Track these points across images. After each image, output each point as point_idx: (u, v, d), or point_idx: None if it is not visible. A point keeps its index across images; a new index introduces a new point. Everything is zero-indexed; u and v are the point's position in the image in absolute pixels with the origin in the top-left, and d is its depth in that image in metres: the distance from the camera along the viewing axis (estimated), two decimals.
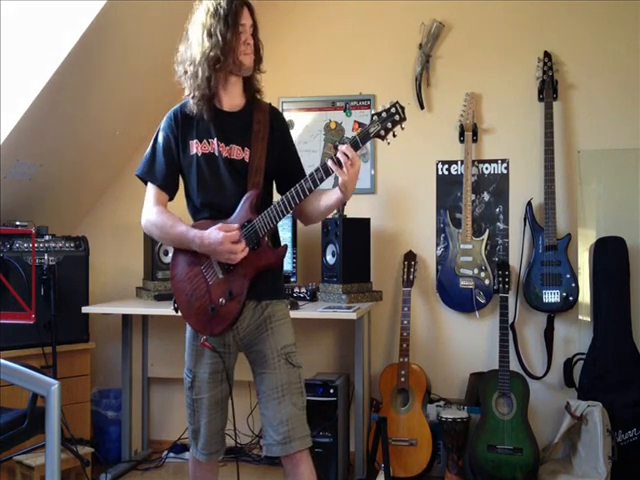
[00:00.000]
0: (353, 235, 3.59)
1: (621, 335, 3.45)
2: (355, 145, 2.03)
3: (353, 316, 3.19)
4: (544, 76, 3.62)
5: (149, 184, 2.25)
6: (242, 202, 2.15)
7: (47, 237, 3.55)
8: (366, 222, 3.70)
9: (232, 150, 2.19)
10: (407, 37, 3.83)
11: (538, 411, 3.61)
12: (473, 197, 3.73)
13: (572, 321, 3.63)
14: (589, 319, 3.58)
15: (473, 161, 3.73)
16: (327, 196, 2.17)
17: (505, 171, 3.75)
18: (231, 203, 2.17)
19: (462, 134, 3.74)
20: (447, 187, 3.81)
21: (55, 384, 1.65)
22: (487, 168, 3.77)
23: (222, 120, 2.21)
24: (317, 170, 2.07)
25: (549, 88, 3.60)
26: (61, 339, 3.43)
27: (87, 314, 3.60)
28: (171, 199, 2.27)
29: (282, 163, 2.26)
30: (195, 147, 2.20)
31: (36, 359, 3.30)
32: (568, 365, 3.56)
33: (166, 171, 2.23)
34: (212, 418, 2.26)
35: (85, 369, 3.65)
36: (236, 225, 2.10)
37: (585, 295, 3.58)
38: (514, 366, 3.54)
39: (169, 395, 4.08)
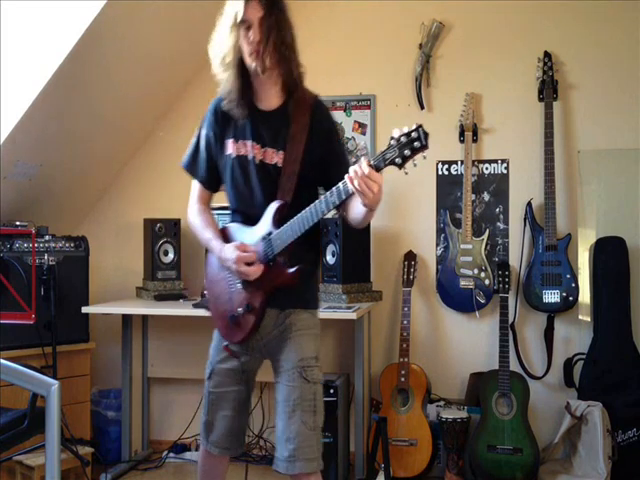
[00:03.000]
0: (353, 235, 3.58)
1: (621, 335, 3.45)
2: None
3: (353, 316, 3.19)
4: (544, 76, 3.61)
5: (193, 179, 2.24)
6: (267, 211, 2.06)
7: (47, 237, 3.55)
8: None
9: (266, 153, 2.08)
10: (407, 37, 3.83)
11: (538, 411, 3.61)
12: (473, 197, 3.73)
13: (572, 321, 3.63)
14: (589, 319, 3.58)
15: (473, 161, 3.73)
16: (355, 209, 1.98)
17: (505, 171, 3.75)
18: (260, 211, 2.07)
19: (462, 134, 3.74)
20: (447, 187, 3.81)
21: (55, 384, 1.65)
22: (487, 168, 3.77)
23: (258, 120, 2.09)
24: (331, 193, 1.90)
25: (549, 88, 3.60)
26: (61, 339, 3.43)
27: (87, 314, 3.60)
28: (215, 192, 2.25)
29: (325, 168, 2.08)
30: (231, 147, 2.12)
31: (36, 359, 3.30)
32: (568, 365, 3.56)
33: (207, 167, 2.18)
34: (227, 414, 2.18)
35: (85, 369, 3.65)
36: (253, 248, 2.04)
37: (585, 295, 3.58)
38: (514, 366, 3.54)
39: (169, 395, 4.08)
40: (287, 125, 2.07)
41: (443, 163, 3.82)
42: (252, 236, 2.09)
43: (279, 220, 2.03)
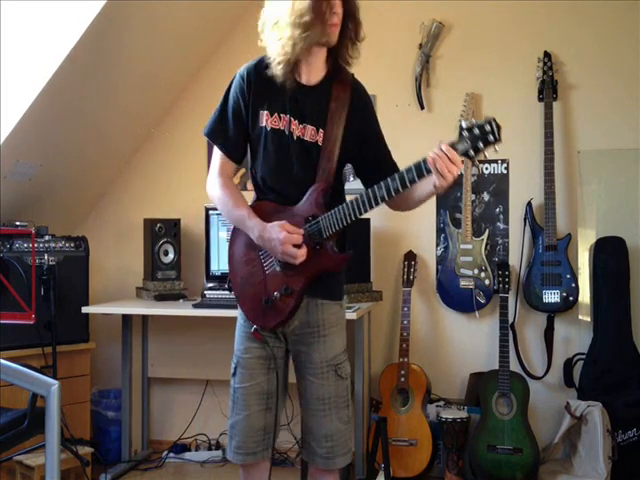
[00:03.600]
0: (353, 235, 3.55)
1: (621, 335, 3.45)
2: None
3: (353, 316, 3.19)
4: (544, 76, 3.61)
5: (216, 148, 2.07)
6: (309, 193, 1.97)
7: (47, 237, 3.54)
8: (366, 222, 3.70)
9: (305, 130, 1.97)
10: (407, 37, 3.83)
11: (538, 411, 3.61)
12: (473, 197, 3.73)
13: (572, 321, 3.63)
14: (589, 319, 3.58)
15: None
16: (420, 188, 1.92)
17: (505, 171, 3.75)
18: (297, 190, 1.98)
19: None
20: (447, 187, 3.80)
21: (55, 384, 1.65)
22: (487, 168, 3.77)
23: (298, 94, 1.98)
24: (408, 170, 1.85)
25: (549, 88, 3.60)
26: (61, 339, 3.43)
27: (87, 314, 3.60)
28: (239, 163, 2.10)
29: (363, 148, 2.04)
30: (265, 119, 1.98)
31: (36, 359, 3.30)
32: (568, 365, 3.56)
33: (234, 136, 2.03)
34: (253, 411, 2.03)
35: (85, 369, 3.65)
36: (301, 230, 1.93)
37: (585, 295, 3.58)
38: (514, 366, 3.54)
39: (169, 395, 4.08)
40: (327, 102, 1.99)
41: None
42: (292, 217, 1.97)
43: (324, 203, 1.96)
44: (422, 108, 3.82)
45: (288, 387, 2.18)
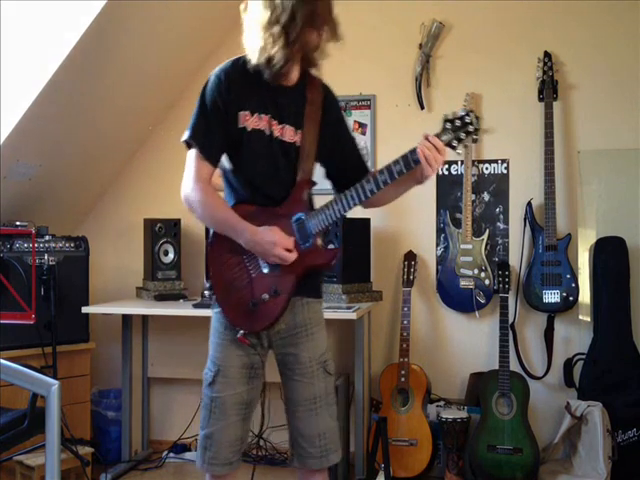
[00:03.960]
0: (353, 235, 3.59)
1: (621, 335, 3.45)
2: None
3: (353, 316, 3.19)
4: (544, 76, 3.61)
5: (193, 151, 1.97)
6: (293, 192, 1.99)
7: (47, 237, 3.55)
8: (366, 222, 3.70)
9: (285, 130, 1.98)
10: (407, 37, 3.83)
11: (538, 411, 3.61)
12: (473, 197, 3.73)
13: (572, 321, 3.63)
14: (589, 319, 3.58)
15: (473, 161, 3.73)
16: (402, 183, 1.98)
17: (505, 171, 3.75)
18: (282, 190, 1.99)
19: None
20: (447, 187, 3.81)
21: (55, 384, 1.65)
22: (487, 168, 3.77)
23: (278, 94, 1.98)
24: (396, 162, 1.89)
25: (549, 88, 3.60)
26: (61, 339, 3.43)
27: (87, 314, 3.60)
28: (215, 167, 2.02)
29: (336, 149, 2.07)
30: (246, 119, 1.96)
31: (36, 359, 3.30)
32: (568, 365, 3.56)
33: (214, 139, 1.97)
34: (232, 422, 2.01)
35: (85, 369, 3.65)
36: (292, 238, 1.95)
37: (585, 295, 3.58)
38: (514, 366, 3.54)
39: (169, 395, 4.08)
40: (303, 103, 2.01)
41: (443, 163, 3.80)
42: (277, 218, 1.98)
43: (309, 203, 2.00)
44: (422, 108, 3.82)
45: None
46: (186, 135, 1.99)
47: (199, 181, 1.97)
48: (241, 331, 1.99)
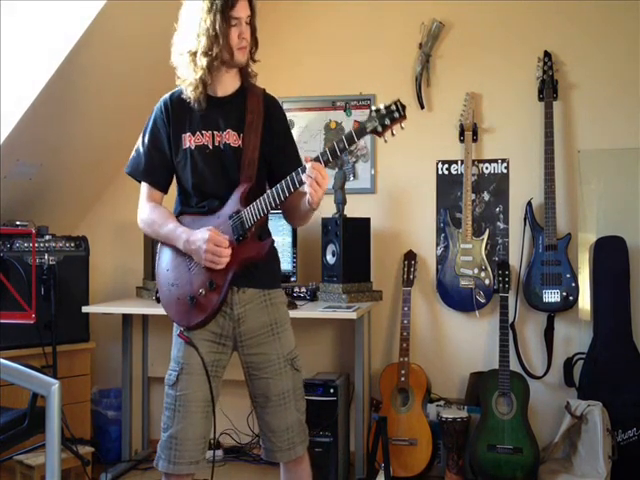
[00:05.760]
0: (353, 235, 3.59)
1: (621, 335, 3.45)
2: (350, 140, 1.93)
3: (353, 316, 3.19)
4: (544, 76, 3.61)
5: (142, 181, 2.22)
6: (234, 193, 2.10)
7: (47, 237, 3.55)
8: (366, 222, 3.70)
9: (229, 135, 2.12)
10: (407, 37, 3.83)
11: (538, 411, 3.61)
12: (473, 197, 3.73)
13: (572, 321, 3.63)
14: (589, 319, 3.58)
15: (473, 161, 3.73)
16: (303, 204, 2.06)
17: (505, 171, 3.75)
18: (228, 192, 2.11)
19: (462, 134, 3.73)
20: (447, 187, 3.81)
21: (55, 384, 1.65)
22: (487, 168, 3.77)
23: (216, 107, 2.14)
24: (297, 173, 1.99)
25: (549, 88, 3.60)
26: (61, 339, 3.43)
27: (87, 314, 3.61)
28: (165, 193, 2.24)
29: (278, 155, 2.18)
30: (188, 141, 2.14)
31: (36, 359, 3.29)
32: (568, 365, 3.56)
33: (155, 167, 2.18)
34: (196, 419, 2.11)
35: (85, 369, 3.65)
36: (227, 236, 2.04)
37: (585, 295, 3.58)
38: (514, 366, 3.54)
39: None
40: (244, 109, 2.14)
41: (443, 163, 3.82)
42: (217, 218, 2.10)
43: (247, 200, 2.07)
44: (422, 108, 3.82)
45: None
46: (127, 168, 2.27)
47: (146, 202, 2.20)
48: (180, 328, 2.12)
